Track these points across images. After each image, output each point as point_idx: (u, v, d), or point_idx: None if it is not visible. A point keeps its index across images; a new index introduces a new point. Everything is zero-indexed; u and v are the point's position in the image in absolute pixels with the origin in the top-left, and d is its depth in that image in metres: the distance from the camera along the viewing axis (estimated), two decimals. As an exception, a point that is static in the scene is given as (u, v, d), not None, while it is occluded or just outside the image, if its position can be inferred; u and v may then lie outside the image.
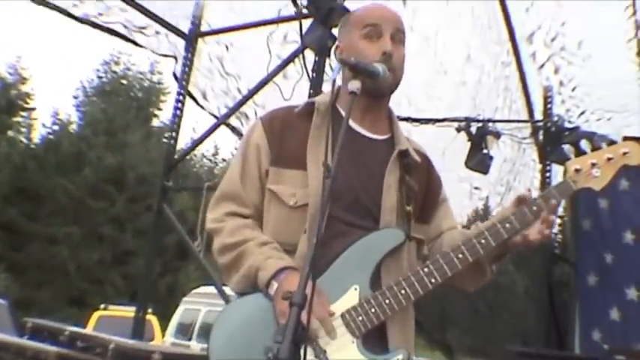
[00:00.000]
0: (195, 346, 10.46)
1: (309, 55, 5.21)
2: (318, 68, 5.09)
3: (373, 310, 2.02)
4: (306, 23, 5.09)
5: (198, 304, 11.06)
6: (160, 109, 28.47)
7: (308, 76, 5.11)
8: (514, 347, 5.91)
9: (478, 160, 6.11)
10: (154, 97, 28.47)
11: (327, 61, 5.19)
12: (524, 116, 6.93)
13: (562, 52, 6.46)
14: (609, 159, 2.16)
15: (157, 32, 5.88)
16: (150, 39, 5.85)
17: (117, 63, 27.84)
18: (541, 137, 6.86)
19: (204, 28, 6.16)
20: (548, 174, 6.90)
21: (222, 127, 6.01)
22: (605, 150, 2.19)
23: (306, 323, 1.66)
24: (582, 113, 6.90)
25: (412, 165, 2.25)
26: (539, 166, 7.11)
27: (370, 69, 2.03)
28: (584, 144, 6.21)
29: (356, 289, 2.05)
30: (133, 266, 22.91)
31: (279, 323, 1.92)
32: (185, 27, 6.10)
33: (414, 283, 2.06)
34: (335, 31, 4.89)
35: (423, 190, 2.29)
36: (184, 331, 11.06)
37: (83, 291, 22.10)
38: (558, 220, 9.55)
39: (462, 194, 6.67)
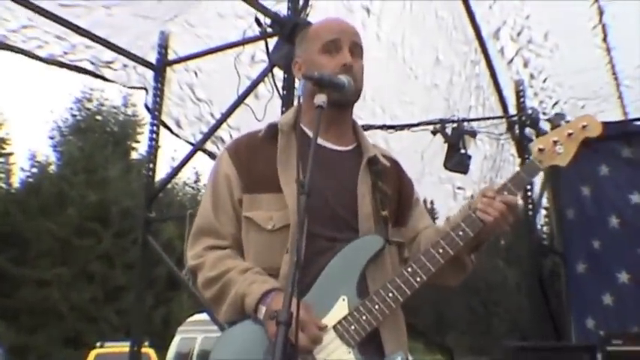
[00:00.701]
0: (195, 375, 10.42)
1: (279, 73, 5.20)
2: (288, 85, 5.06)
3: (364, 317, 2.03)
4: (272, 42, 5.08)
5: (194, 332, 11.03)
6: (137, 142, 28.42)
7: (279, 93, 5.09)
8: (512, 342, 5.89)
9: (456, 161, 6.11)
10: (130, 130, 28.39)
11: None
12: (499, 112, 6.94)
13: (529, 45, 6.47)
14: (570, 134, 2.24)
15: (125, 65, 5.83)
16: (118, 73, 5.80)
17: (89, 100, 27.75)
18: (517, 131, 6.89)
19: (171, 56, 6.11)
20: (528, 167, 6.88)
21: (201, 153, 5.96)
22: (564, 127, 2.27)
23: (294, 339, 1.70)
24: (556, 104, 6.91)
25: (382, 170, 2.30)
26: (518, 160, 7.12)
27: (335, 81, 2.08)
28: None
29: (344, 299, 2.06)
30: (126, 301, 22.76)
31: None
32: (152, 57, 6.05)
33: (400, 285, 2.08)
34: (302, 47, 4.92)
35: (396, 193, 2.34)
36: (183, 360, 11.00)
37: (78, 331, 21.90)
38: (544, 212, 9.58)
39: (446, 196, 6.68)
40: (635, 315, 6.35)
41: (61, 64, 5.41)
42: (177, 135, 6.12)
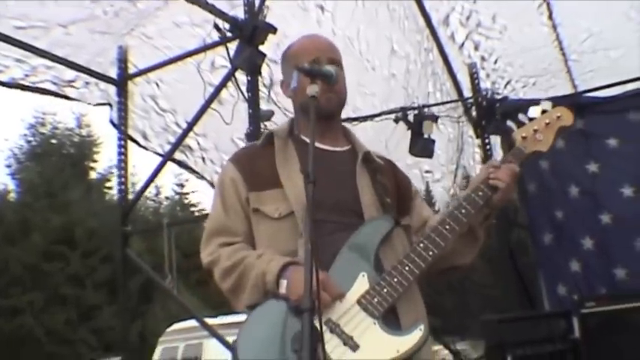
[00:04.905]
0: (180, 383, 10.35)
1: (241, 77, 5.19)
2: (253, 87, 5.05)
3: (385, 290, 2.10)
4: (232, 47, 5.06)
5: (175, 340, 10.97)
6: (95, 161, 28.04)
7: (244, 96, 5.08)
8: (490, 317, 5.94)
9: (421, 146, 6.15)
10: (86, 150, 28.02)
11: (260, 79, 5.17)
12: (455, 97, 7.01)
13: (478, 28, 6.57)
14: (547, 124, 2.52)
15: (87, 83, 5.76)
16: (81, 91, 5.73)
17: (43, 124, 27.32)
18: (474, 113, 6.97)
19: (131, 70, 6.05)
20: (488, 147, 6.99)
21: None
22: (542, 117, 2.54)
23: (318, 325, 1.68)
24: (508, 83, 7.03)
25: (378, 167, 2.40)
26: (477, 141, 7.20)
27: (324, 71, 2.15)
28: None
29: (364, 275, 2.13)
30: (100, 320, 22.53)
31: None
32: (113, 73, 5.99)
33: (414, 259, 2.16)
34: (262, 48, 4.91)
35: (395, 187, 2.42)
36: (167, 369, 10.90)
37: (56, 354, 21.53)
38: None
39: (416, 180, 6.69)
40: (602, 278, 6.45)
41: (23, 87, 5.33)
42: (145, 147, 6.04)
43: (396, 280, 2.11)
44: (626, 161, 6.52)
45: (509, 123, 6.59)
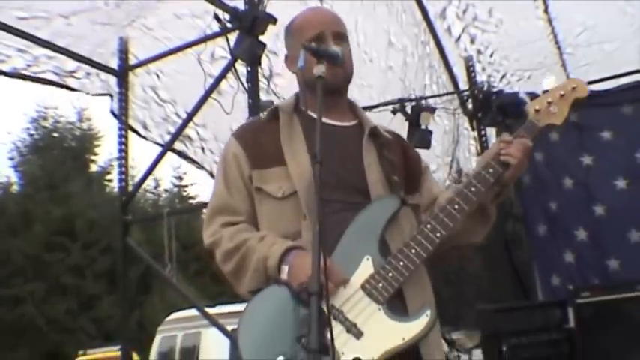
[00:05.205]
0: (179, 372, 10.29)
1: (240, 69, 5.10)
2: (252, 78, 4.97)
3: (390, 274, 1.99)
4: (232, 37, 4.97)
5: (174, 329, 10.90)
6: (95, 154, 27.90)
7: (243, 87, 4.99)
8: (486, 306, 5.89)
9: (419, 138, 6.08)
10: (87, 144, 27.84)
11: (260, 70, 5.09)
12: (451, 89, 6.94)
13: (475, 22, 6.49)
14: (562, 95, 2.33)
15: (88, 73, 5.67)
16: (82, 81, 5.64)
17: (45, 118, 27.12)
18: (470, 106, 6.90)
19: (132, 61, 5.96)
20: (484, 138, 6.92)
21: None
22: (556, 88, 2.35)
23: (326, 308, 1.63)
24: (503, 76, 6.96)
25: (385, 142, 2.26)
26: (472, 134, 7.13)
27: (330, 52, 2.04)
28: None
29: (368, 259, 2.02)
30: (100, 309, 22.51)
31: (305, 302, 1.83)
32: (113, 64, 5.90)
33: (421, 241, 2.04)
34: (262, 39, 4.83)
35: (403, 163, 2.28)
36: (166, 358, 10.84)
37: (57, 343, 21.50)
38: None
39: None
40: (595, 269, 6.42)
41: (25, 77, 5.24)
42: (145, 138, 5.97)
43: (402, 263, 2.00)
44: (619, 154, 6.49)
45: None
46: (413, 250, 2.02)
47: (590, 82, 6.63)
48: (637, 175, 6.41)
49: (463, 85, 6.97)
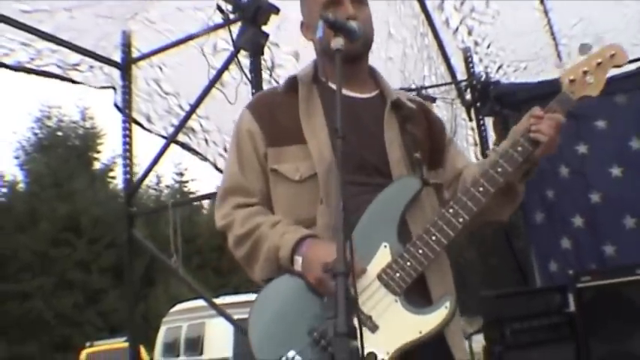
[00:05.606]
0: (186, 361, 10.21)
1: (243, 60, 4.97)
2: (256, 68, 4.84)
3: (409, 263, 1.81)
4: (235, 28, 4.85)
5: (179, 321, 10.83)
6: (98, 152, 27.82)
7: (247, 77, 4.86)
8: (488, 292, 5.80)
9: (418, 127, 5.97)
10: (90, 142, 27.79)
11: (262, 61, 4.96)
12: (449, 80, 6.83)
13: (472, 13, 6.38)
14: (599, 64, 2.05)
15: (91, 66, 5.54)
16: (85, 74, 5.50)
17: (49, 117, 27.11)
18: (468, 96, 6.80)
19: (134, 55, 5.83)
20: (483, 128, 6.82)
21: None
22: (592, 56, 2.06)
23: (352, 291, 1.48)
24: (500, 67, 6.84)
25: (408, 114, 2.06)
26: (470, 124, 7.03)
27: (347, 26, 1.83)
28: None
29: (385, 246, 1.84)
30: (105, 303, 22.48)
31: (321, 295, 1.76)
32: (116, 57, 5.77)
33: (442, 227, 1.86)
34: (265, 29, 4.70)
35: (426, 135, 2.09)
36: (171, 349, 10.77)
37: (65, 336, 21.51)
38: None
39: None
40: (591, 255, 6.36)
41: (29, 71, 5.10)
42: (149, 130, 5.84)
43: (421, 251, 1.83)
44: (614, 142, 6.41)
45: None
46: (433, 237, 1.85)
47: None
48: (631, 163, 6.33)
49: (461, 76, 6.84)
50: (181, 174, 29.66)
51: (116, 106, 5.81)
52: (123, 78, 5.77)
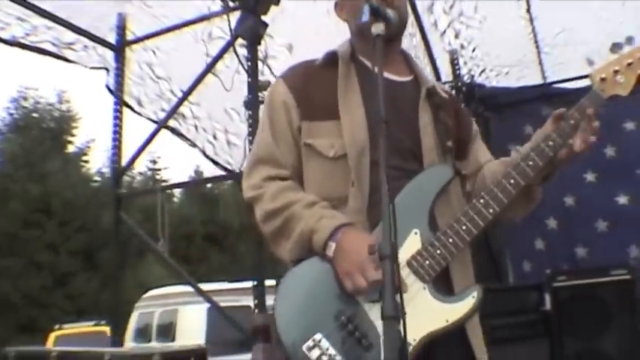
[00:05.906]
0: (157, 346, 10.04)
1: (239, 49, 4.89)
2: (253, 57, 4.76)
3: (439, 251, 1.78)
4: (233, 17, 4.77)
5: (152, 306, 10.61)
6: (73, 135, 27.28)
7: (242, 66, 4.78)
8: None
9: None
10: (65, 125, 27.19)
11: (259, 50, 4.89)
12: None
13: (460, 17, 6.38)
14: (629, 64, 2.01)
15: (86, 46, 5.42)
16: (79, 54, 5.38)
17: (25, 98, 26.43)
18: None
19: (129, 37, 5.71)
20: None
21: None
22: (623, 56, 2.02)
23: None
24: (483, 71, 6.87)
25: (441, 102, 2.02)
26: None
27: (385, 14, 1.77)
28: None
29: (416, 233, 1.81)
30: (73, 286, 22.05)
31: (343, 285, 1.73)
32: (111, 39, 5.65)
33: (473, 217, 1.82)
34: (265, 18, 4.63)
35: (456, 126, 2.05)
36: (143, 334, 10.56)
37: (32, 318, 20.95)
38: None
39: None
40: (564, 256, 6.46)
41: (23, 46, 4.97)
42: (139, 113, 5.72)
43: (451, 240, 1.79)
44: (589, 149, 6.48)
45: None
46: (464, 227, 1.81)
47: (564, 80, 6.61)
48: (604, 169, 6.43)
49: (445, 77, 6.84)
50: (154, 161, 29.26)
51: (108, 87, 5.69)
52: (116, 60, 5.66)
